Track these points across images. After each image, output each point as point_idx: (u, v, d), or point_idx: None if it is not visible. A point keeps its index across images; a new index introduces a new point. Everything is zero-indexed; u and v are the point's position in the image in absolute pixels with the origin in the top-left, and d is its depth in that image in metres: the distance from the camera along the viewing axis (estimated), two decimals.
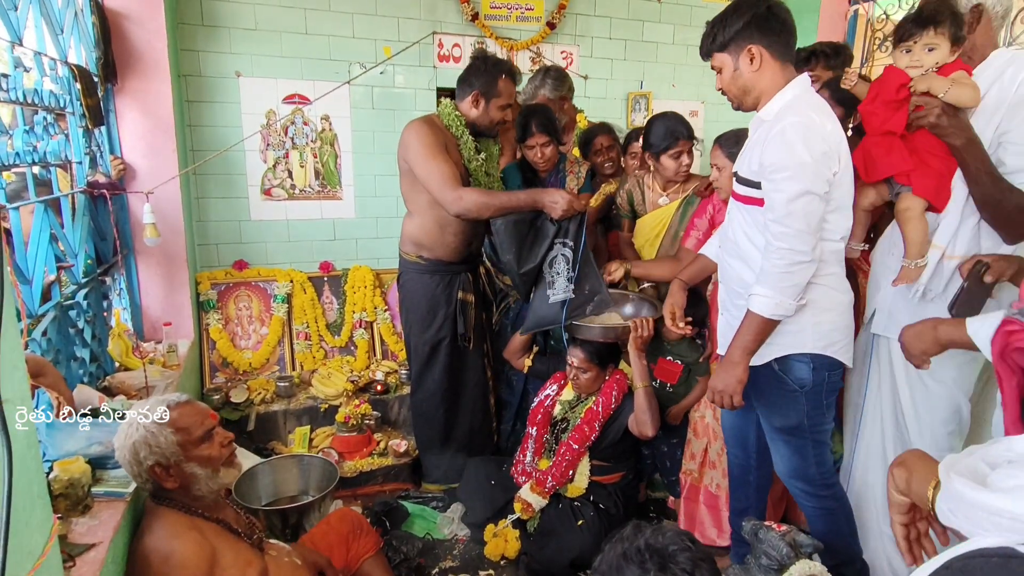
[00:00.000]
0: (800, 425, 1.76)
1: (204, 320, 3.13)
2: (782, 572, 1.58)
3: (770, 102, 1.66)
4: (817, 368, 1.71)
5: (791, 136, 1.55)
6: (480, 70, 2.40)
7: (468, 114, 2.44)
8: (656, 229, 2.52)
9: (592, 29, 3.78)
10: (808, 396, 1.73)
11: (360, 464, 2.78)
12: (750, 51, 1.62)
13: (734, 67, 1.66)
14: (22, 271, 1.72)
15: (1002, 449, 0.62)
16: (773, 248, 1.60)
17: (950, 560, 0.48)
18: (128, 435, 1.45)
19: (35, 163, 1.90)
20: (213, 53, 3.07)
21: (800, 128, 1.55)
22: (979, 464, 0.61)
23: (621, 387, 2.37)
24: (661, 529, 1.03)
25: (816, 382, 1.72)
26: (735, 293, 1.83)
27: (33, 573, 0.93)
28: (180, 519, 1.47)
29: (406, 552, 2.25)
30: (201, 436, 1.50)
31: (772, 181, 1.59)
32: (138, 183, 2.63)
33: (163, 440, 1.44)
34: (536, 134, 2.56)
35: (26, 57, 1.89)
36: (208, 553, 1.43)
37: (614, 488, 2.39)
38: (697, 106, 4.13)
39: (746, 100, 1.71)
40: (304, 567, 1.70)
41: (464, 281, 2.57)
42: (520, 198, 2.32)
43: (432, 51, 3.46)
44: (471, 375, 2.68)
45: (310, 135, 3.31)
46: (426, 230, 2.50)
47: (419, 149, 2.32)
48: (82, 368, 2.02)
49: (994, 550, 0.46)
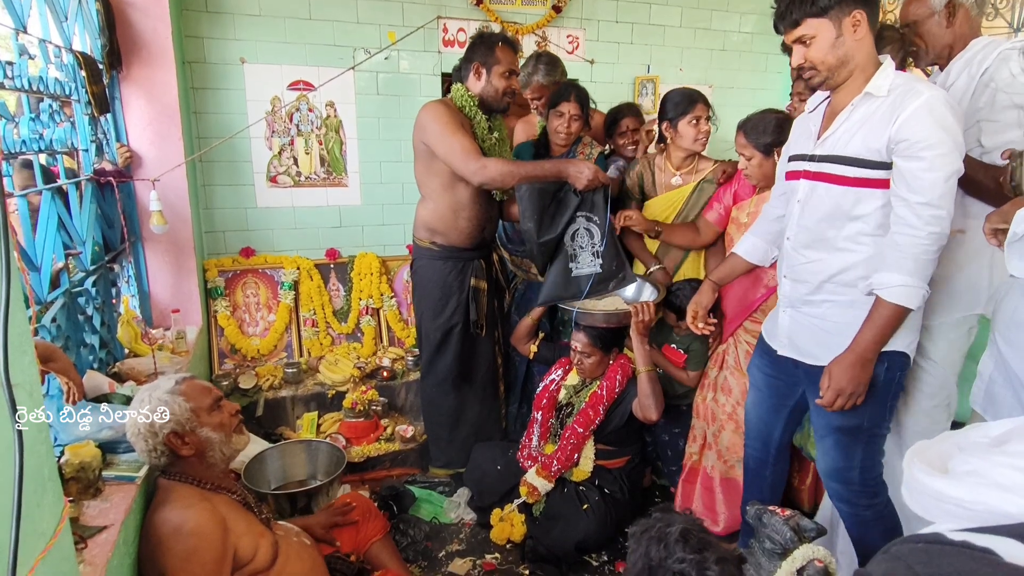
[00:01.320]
0: (859, 426, 1.67)
1: (212, 307, 3.15)
2: (785, 556, 1.59)
3: (876, 76, 1.50)
4: (890, 367, 1.61)
5: (941, 111, 1.41)
6: (477, 43, 2.43)
7: (474, 89, 2.45)
8: (667, 212, 2.49)
9: (598, 12, 3.74)
10: (875, 395, 1.62)
11: (367, 449, 2.80)
12: (855, 16, 1.47)
13: (836, 34, 1.49)
14: (30, 258, 1.74)
15: (979, 435, 0.61)
16: (924, 233, 1.45)
17: (889, 545, 0.48)
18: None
19: (41, 151, 1.91)
20: (217, 40, 3.06)
21: (945, 103, 1.42)
22: (952, 450, 0.60)
23: (625, 371, 2.37)
24: (693, 543, 1.01)
25: (886, 381, 1.62)
26: (813, 286, 1.69)
27: (45, 554, 0.95)
28: (192, 491, 1.50)
29: (413, 536, 2.28)
30: (211, 404, 1.58)
31: (921, 159, 1.43)
32: (145, 171, 2.64)
33: (177, 408, 1.50)
34: (572, 102, 2.58)
35: (31, 44, 1.89)
36: (220, 520, 1.46)
37: (619, 472, 2.40)
38: (705, 90, 4.05)
39: (839, 74, 1.53)
40: (312, 546, 1.72)
41: (477, 268, 2.57)
42: (545, 167, 2.34)
43: (437, 36, 3.43)
44: (482, 362, 2.69)
45: (315, 122, 3.31)
46: (439, 215, 2.50)
47: (437, 127, 2.33)
48: (92, 354, 2.04)
49: (924, 536, 0.47)
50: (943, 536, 0.45)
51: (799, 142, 1.75)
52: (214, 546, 1.41)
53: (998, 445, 0.55)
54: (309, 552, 1.69)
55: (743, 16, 4.03)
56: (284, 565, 1.57)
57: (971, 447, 0.59)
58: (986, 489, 0.50)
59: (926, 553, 0.44)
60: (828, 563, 1.54)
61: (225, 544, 1.44)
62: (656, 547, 1.01)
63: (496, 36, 2.44)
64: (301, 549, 1.66)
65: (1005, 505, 0.48)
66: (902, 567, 0.44)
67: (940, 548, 0.44)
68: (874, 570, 0.47)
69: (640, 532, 1.03)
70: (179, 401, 1.51)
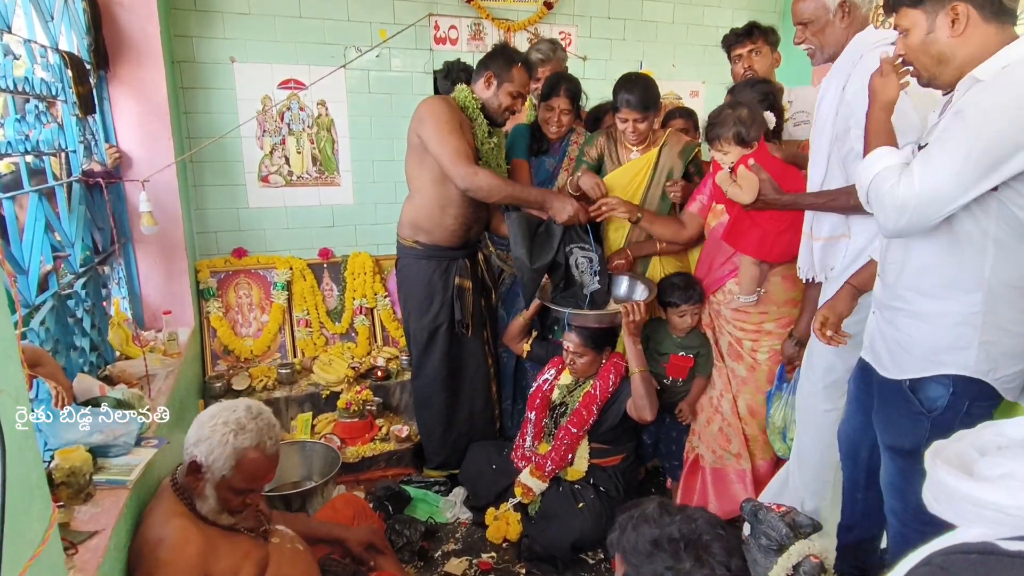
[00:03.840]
0: (915, 451, 1.48)
1: (204, 308, 3.13)
2: (782, 552, 1.59)
3: (988, 61, 1.30)
4: (958, 393, 1.43)
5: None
6: (498, 54, 2.45)
7: (481, 95, 2.46)
8: (635, 181, 2.47)
9: (591, 8, 3.73)
10: (936, 422, 1.45)
11: (362, 450, 2.79)
12: (954, 10, 1.30)
13: (927, 30, 1.34)
14: (17, 261, 1.72)
15: (992, 434, 0.60)
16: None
17: (930, 555, 0.46)
18: (217, 424, 1.46)
19: (28, 152, 1.88)
20: (206, 38, 3.04)
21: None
22: (968, 450, 0.59)
23: (619, 370, 2.37)
24: (690, 515, 0.97)
25: (951, 408, 1.44)
26: (892, 289, 1.52)
27: (33, 561, 0.93)
28: (180, 507, 1.48)
29: (409, 536, 2.28)
30: (242, 489, 1.49)
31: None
32: (134, 171, 2.61)
33: (220, 458, 1.44)
34: (562, 97, 2.59)
35: (16, 44, 1.86)
36: (199, 543, 1.43)
37: (614, 471, 2.40)
38: (698, 86, 4.09)
39: (941, 74, 1.35)
40: (305, 552, 1.71)
41: (461, 267, 2.56)
42: (532, 194, 2.40)
43: (428, 33, 3.41)
44: (471, 361, 2.67)
45: (306, 121, 3.29)
46: (427, 211, 2.49)
47: (435, 124, 2.32)
48: (82, 357, 2.02)
49: (975, 546, 0.44)
50: (996, 546, 0.43)
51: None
52: (184, 569, 1.39)
53: None
54: (303, 557, 1.67)
55: (735, 12, 4.02)
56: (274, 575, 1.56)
57: (991, 448, 0.58)
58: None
59: (983, 565, 0.42)
60: (824, 559, 1.55)
61: (198, 567, 1.41)
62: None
63: (518, 56, 2.46)
64: (294, 556, 1.65)
65: None
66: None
67: (997, 559, 0.42)
68: None
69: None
70: (228, 458, 1.44)
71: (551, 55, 2.85)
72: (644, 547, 0.93)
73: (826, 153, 1.83)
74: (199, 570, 1.41)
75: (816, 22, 1.81)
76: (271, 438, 1.50)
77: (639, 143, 2.44)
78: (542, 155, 2.77)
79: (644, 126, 2.38)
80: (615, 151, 2.53)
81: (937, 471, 0.56)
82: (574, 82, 2.66)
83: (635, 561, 0.92)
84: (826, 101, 1.81)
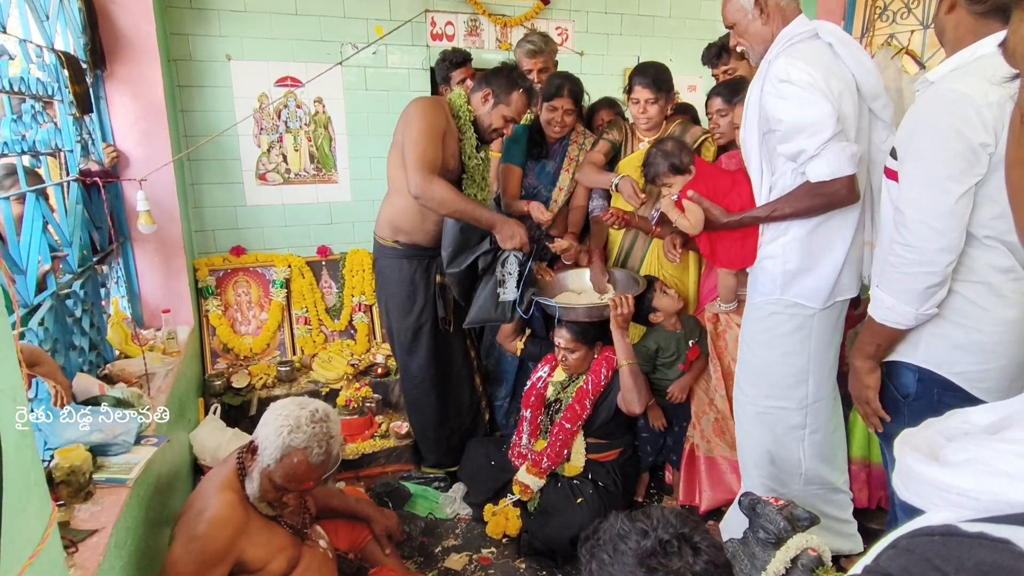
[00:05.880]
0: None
1: (203, 306, 3.13)
2: (779, 545, 1.60)
3: (944, 63, 1.33)
4: (924, 382, 1.46)
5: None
6: (502, 74, 2.41)
7: (475, 109, 2.43)
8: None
9: (587, 3, 3.72)
10: (912, 408, 1.49)
11: (362, 446, 2.80)
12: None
13: (948, 7, 1.35)
14: (15, 261, 1.72)
15: (959, 422, 0.61)
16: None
17: (897, 539, 0.47)
18: (281, 415, 1.54)
19: (24, 152, 1.88)
20: (203, 36, 3.03)
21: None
22: (935, 437, 0.60)
23: (610, 364, 2.37)
24: (656, 518, 0.97)
25: (922, 396, 1.46)
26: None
27: (33, 559, 0.94)
28: (235, 480, 1.57)
29: (409, 532, 2.28)
30: (279, 484, 1.55)
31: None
32: (132, 170, 2.61)
33: (270, 447, 1.52)
34: (566, 98, 2.58)
35: (11, 44, 1.86)
36: (237, 524, 1.50)
37: (612, 465, 2.41)
38: (695, 80, 4.08)
39: (946, 49, 1.37)
40: (332, 562, 1.74)
41: (440, 264, 2.53)
42: (483, 216, 2.32)
43: (425, 29, 3.41)
44: (456, 357, 2.68)
45: (303, 118, 3.28)
46: (407, 214, 2.46)
47: (417, 125, 2.29)
48: (81, 357, 2.02)
49: (938, 528, 0.45)
50: (958, 528, 0.44)
51: None
52: (218, 543, 1.47)
53: (995, 432, 0.55)
54: (330, 567, 1.72)
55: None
56: (302, 575, 1.61)
57: (957, 434, 0.59)
58: (991, 477, 0.49)
59: (944, 546, 0.43)
60: (822, 552, 1.55)
61: (231, 545, 1.48)
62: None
63: (523, 82, 2.41)
64: (324, 563, 1.69)
65: (1012, 493, 0.47)
66: (919, 561, 0.43)
67: (958, 540, 0.43)
68: (888, 565, 0.45)
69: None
70: (275, 452, 1.51)
71: (543, 47, 2.84)
72: (632, 567, 0.93)
73: (759, 157, 1.83)
74: (231, 550, 1.48)
75: (739, 24, 1.80)
76: (321, 447, 1.53)
77: (651, 128, 2.46)
78: (542, 159, 2.76)
79: (655, 109, 2.39)
80: (628, 141, 2.56)
81: (905, 458, 0.57)
82: (577, 82, 2.64)
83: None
84: (750, 104, 1.80)
